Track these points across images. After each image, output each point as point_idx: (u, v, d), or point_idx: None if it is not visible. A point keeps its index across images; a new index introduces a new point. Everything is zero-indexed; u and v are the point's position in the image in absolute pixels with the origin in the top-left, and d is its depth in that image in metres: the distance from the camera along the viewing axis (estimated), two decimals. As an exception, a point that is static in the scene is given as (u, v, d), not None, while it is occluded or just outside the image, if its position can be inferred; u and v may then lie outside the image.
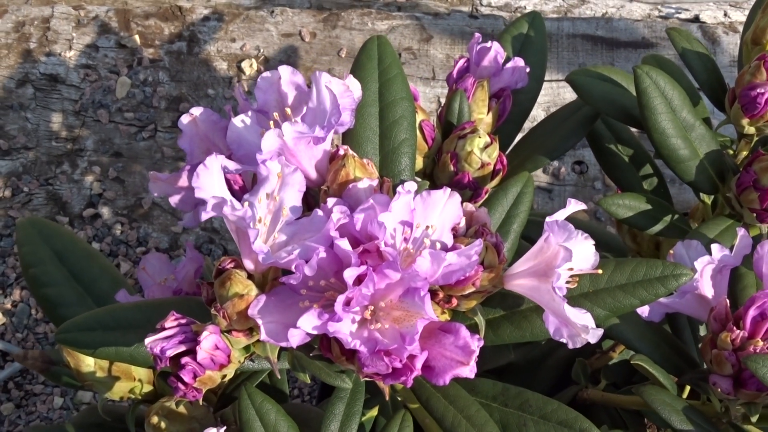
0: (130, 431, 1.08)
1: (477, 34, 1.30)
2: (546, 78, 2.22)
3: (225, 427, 0.90)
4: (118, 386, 1.08)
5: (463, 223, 0.95)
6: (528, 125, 1.41)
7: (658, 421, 1.19)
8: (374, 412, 1.12)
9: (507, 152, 1.35)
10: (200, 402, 0.91)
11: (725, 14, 2.44)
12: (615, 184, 1.36)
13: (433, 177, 1.27)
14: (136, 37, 2.33)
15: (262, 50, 2.32)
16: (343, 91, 0.92)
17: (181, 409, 1.07)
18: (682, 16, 2.44)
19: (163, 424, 1.05)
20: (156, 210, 2.22)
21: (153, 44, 2.33)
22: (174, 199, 1.04)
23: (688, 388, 1.23)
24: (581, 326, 0.88)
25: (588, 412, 1.41)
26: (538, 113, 2.21)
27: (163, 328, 0.82)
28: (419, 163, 1.26)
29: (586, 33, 2.33)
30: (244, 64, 2.30)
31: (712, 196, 1.29)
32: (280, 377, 0.90)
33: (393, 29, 2.34)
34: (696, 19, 2.43)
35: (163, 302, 1.00)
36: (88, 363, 1.05)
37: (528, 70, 1.30)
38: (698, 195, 1.32)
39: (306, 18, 2.35)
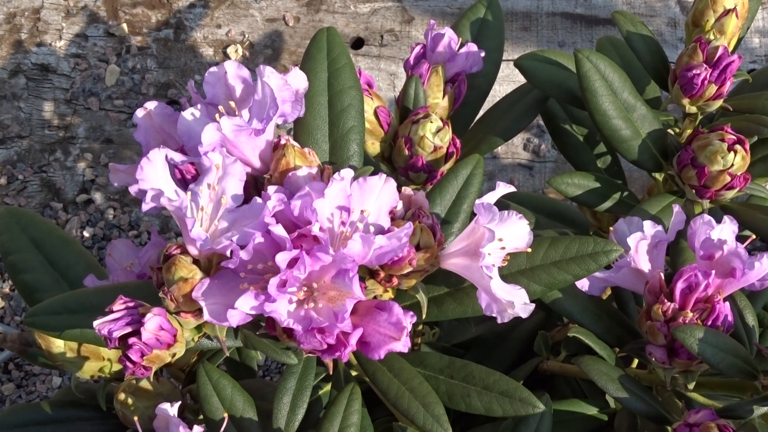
0: (101, 408, 1.15)
1: (432, 21, 1.34)
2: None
3: (179, 403, 0.96)
4: (87, 366, 1.13)
5: (400, 207, 1.00)
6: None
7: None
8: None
9: (465, 133, 1.40)
10: (152, 378, 0.97)
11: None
12: (570, 163, 1.40)
13: (391, 160, 1.32)
14: (124, 25, 2.38)
15: (247, 36, 2.37)
16: (281, 84, 0.97)
17: (148, 386, 1.13)
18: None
19: (130, 401, 1.11)
20: (147, 194, 2.28)
21: (141, 32, 2.38)
22: (133, 189, 1.09)
23: (636, 360, 1.28)
24: (507, 302, 0.93)
25: (550, 383, 1.47)
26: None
27: (111, 311, 0.88)
28: (377, 147, 1.31)
29: (565, 11, 2.37)
30: (230, 50, 2.35)
31: (663, 174, 1.33)
32: (228, 354, 0.96)
33: (375, 11, 2.38)
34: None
35: (125, 286, 1.06)
36: (59, 345, 1.11)
37: (483, 54, 1.34)
38: (651, 173, 1.36)
39: (289, 3, 2.40)
